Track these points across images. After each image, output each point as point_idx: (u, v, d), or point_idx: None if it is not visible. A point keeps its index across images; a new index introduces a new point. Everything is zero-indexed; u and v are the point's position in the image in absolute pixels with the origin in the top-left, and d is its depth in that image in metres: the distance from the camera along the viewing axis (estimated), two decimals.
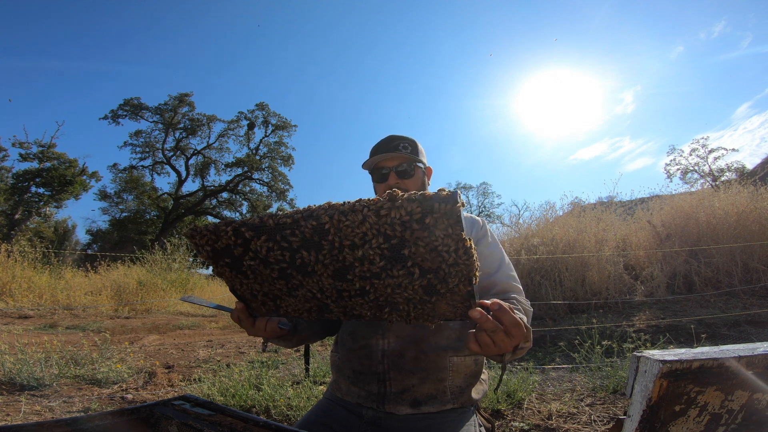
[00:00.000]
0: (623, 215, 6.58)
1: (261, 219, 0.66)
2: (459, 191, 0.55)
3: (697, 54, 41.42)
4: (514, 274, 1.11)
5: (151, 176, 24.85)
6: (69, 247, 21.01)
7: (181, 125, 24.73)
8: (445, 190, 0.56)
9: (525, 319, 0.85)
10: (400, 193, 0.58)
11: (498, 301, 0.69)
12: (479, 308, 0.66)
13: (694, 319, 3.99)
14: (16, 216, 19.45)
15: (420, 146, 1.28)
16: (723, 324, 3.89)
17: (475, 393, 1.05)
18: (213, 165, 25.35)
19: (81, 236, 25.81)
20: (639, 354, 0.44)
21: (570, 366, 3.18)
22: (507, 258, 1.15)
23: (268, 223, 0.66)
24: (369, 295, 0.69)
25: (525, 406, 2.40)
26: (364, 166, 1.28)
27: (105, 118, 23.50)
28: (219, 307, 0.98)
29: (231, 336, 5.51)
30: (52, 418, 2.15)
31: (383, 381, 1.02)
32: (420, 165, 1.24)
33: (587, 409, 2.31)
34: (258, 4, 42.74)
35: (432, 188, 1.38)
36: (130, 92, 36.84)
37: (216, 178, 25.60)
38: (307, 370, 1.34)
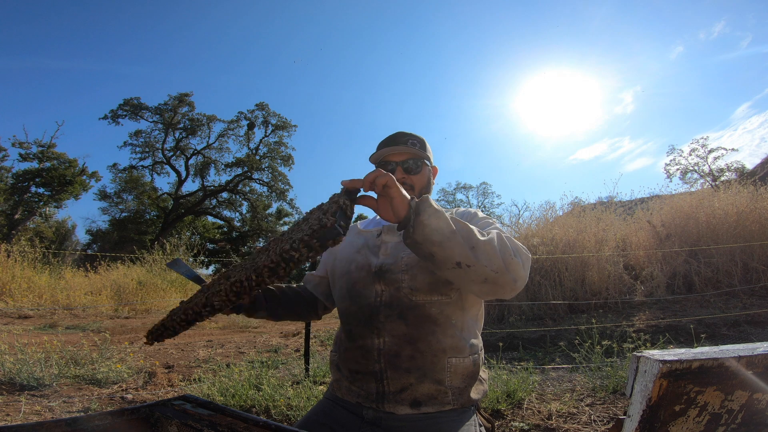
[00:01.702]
0: (623, 215, 6.58)
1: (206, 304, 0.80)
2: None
3: (697, 54, 41.38)
4: (497, 227, 1.01)
5: (151, 176, 24.86)
6: (69, 247, 21.00)
7: (181, 125, 24.71)
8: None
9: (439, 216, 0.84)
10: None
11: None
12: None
13: (694, 319, 3.99)
14: (16, 216, 19.45)
15: (428, 145, 1.27)
16: (723, 324, 3.89)
17: (475, 393, 1.05)
18: (213, 165, 25.34)
19: (81, 236, 25.81)
20: (639, 354, 0.44)
21: (570, 366, 3.18)
22: (496, 223, 1.08)
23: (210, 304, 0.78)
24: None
25: (525, 406, 2.40)
26: (371, 159, 1.27)
27: (105, 118, 23.49)
28: (197, 280, 1.07)
29: (231, 336, 5.51)
30: (52, 418, 2.15)
31: (381, 380, 1.01)
32: (427, 162, 1.24)
33: (587, 409, 2.32)
34: (258, 4, 42.74)
35: (436, 188, 1.39)
36: (130, 92, 36.80)
37: (216, 178, 25.61)
38: (307, 370, 1.34)
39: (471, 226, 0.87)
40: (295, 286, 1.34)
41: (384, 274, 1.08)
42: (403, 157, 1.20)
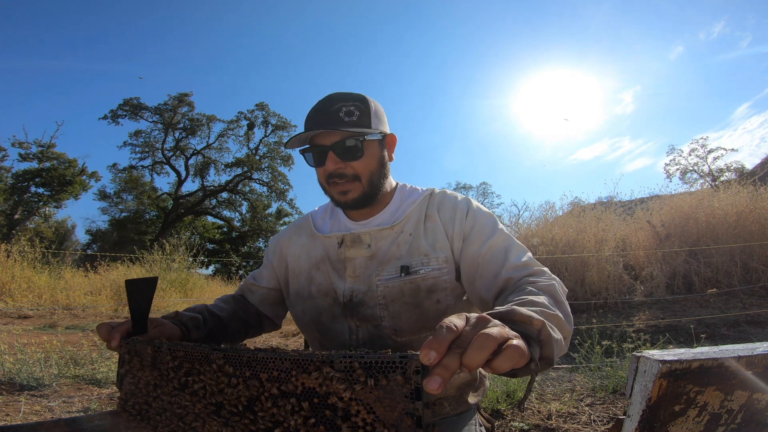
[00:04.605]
0: (623, 215, 6.58)
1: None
2: None
3: (697, 54, 41.39)
4: (526, 256, 0.84)
5: (151, 176, 24.85)
6: (69, 247, 20.99)
7: (181, 125, 24.71)
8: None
9: (525, 311, 0.57)
10: None
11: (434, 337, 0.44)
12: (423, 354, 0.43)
13: (694, 319, 3.99)
14: (16, 216, 19.45)
15: (374, 107, 0.91)
16: (723, 324, 3.89)
17: (473, 398, 1.03)
18: (213, 165, 25.35)
19: (81, 236, 25.82)
20: (638, 354, 0.44)
21: (570, 366, 3.18)
22: (514, 241, 0.87)
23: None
24: None
25: (524, 406, 2.40)
26: (290, 144, 0.90)
27: (105, 118, 23.48)
28: (139, 320, 0.85)
29: None
30: (52, 418, 2.15)
31: None
32: (373, 137, 0.88)
33: (587, 409, 2.32)
34: (259, 4, 42.76)
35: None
36: (129, 92, 36.81)
37: (216, 178, 25.61)
38: None
39: (561, 317, 0.65)
40: (230, 298, 1.07)
41: (356, 309, 0.90)
42: (334, 138, 0.85)
